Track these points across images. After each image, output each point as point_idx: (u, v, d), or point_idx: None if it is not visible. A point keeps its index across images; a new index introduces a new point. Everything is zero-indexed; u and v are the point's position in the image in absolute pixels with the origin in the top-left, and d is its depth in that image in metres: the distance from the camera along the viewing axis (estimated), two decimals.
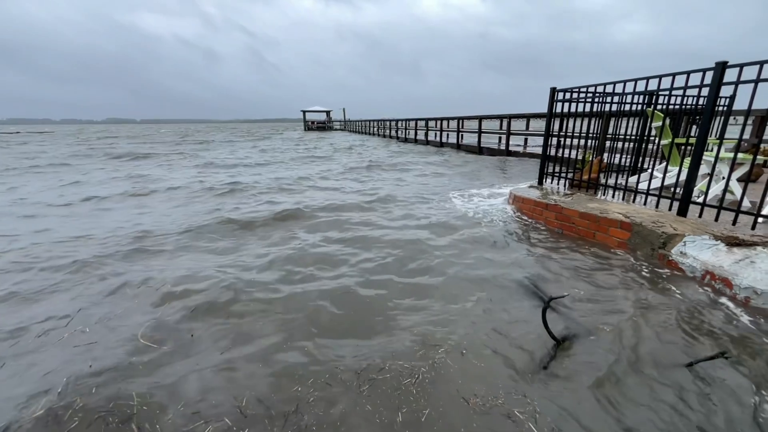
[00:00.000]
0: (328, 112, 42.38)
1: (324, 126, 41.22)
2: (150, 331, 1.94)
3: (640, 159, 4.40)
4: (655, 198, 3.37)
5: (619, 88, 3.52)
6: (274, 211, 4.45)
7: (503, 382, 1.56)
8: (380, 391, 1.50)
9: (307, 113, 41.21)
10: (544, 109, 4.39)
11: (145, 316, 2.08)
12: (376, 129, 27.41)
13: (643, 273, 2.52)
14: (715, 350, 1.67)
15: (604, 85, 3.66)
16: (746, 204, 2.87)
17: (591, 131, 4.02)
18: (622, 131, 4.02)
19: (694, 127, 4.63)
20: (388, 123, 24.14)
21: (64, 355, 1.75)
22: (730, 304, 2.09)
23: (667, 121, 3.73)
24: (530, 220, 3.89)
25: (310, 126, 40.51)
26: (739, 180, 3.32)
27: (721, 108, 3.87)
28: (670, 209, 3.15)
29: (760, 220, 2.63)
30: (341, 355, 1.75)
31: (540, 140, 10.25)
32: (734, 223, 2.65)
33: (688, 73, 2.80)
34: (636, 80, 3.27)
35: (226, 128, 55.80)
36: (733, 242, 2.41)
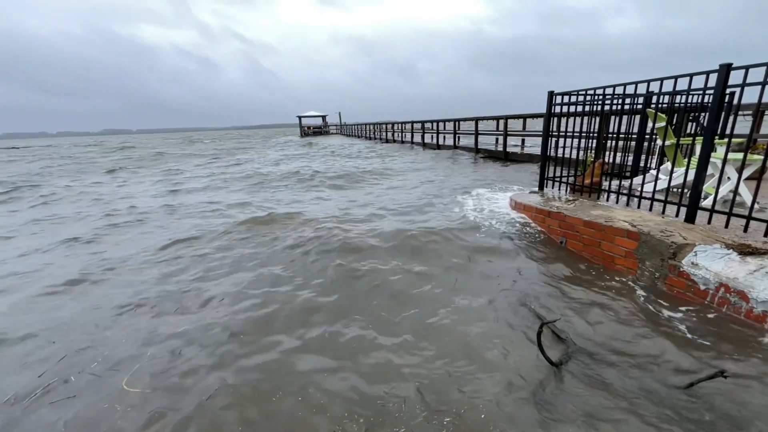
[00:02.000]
0: (323, 117, 42.31)
1: (320, 131, 41.17)
2: None
3: (641, 159, 4.30)
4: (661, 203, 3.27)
5: (618, 91, 3.42)
6: None
7: None
8: None
9: (303, 119, 41.14)
10: (537, 108, 4.29)
11: None
12: (372, 132, 27.31)
13: (653, 289, 2.42)
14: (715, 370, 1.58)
15: (604, 87, 3.55)
16: (756, 206, 2.76)
17: (591, 134, 3.91)
18: (623, 130, 3.90)
19: (691, 124, 4.50)
20: (384, 126, 24.05)
21: None
22: (746, 320, 2.00)
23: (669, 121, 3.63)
24: (531, 225, 3.82)
25: (306, 131, 40.43)
26: (749, 179, 3.19)
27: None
28: (677, 215, 3.04)
29: None
30: None
31: (537, 140, 10.15)
32: (746, 229, 2.55)
33: (691, 75, 2.70)
34: (636, 83, 3.17)
35: (214, 136, 53.23)
36: (745, 251, 2.31)
